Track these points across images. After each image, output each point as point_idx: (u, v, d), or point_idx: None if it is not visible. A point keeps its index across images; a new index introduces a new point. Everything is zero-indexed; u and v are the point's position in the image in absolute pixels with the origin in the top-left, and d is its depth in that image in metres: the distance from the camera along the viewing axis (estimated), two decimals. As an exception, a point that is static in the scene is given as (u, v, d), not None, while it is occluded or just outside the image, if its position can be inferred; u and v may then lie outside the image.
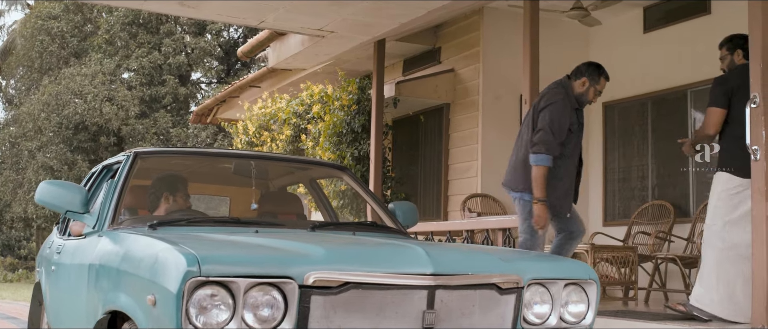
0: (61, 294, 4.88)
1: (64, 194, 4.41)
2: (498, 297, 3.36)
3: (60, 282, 4.91)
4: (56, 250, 5.25)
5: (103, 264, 3.79)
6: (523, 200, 5.85)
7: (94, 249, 4.07)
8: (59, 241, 5.33)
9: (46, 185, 4.46)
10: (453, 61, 10.16)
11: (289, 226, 4.47)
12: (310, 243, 3.29)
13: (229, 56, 31.62)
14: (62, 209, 4.43)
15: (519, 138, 6.05)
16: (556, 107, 5.76)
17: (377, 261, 3.18)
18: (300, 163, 5.71)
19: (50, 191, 4.41)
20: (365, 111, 9.79)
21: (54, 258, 5.24)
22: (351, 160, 9.65)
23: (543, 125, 5.70)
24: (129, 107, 26.36)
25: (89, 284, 3.95)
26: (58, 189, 4.42)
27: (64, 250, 4.96)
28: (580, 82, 6.04)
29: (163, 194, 4.77)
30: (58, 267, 5.01)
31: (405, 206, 5.18)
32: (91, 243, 4.22)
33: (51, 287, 5.24)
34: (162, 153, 5.10)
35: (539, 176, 5.65)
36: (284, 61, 9.69)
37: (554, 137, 5.68)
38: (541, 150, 5.65)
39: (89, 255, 4.11)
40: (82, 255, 4.33)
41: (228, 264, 2.95)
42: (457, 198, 9.82)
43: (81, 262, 4.27)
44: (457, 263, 3.29)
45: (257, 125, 12.03)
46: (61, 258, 4.98)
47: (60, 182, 4.49)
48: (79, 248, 4.49)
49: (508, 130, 9.66)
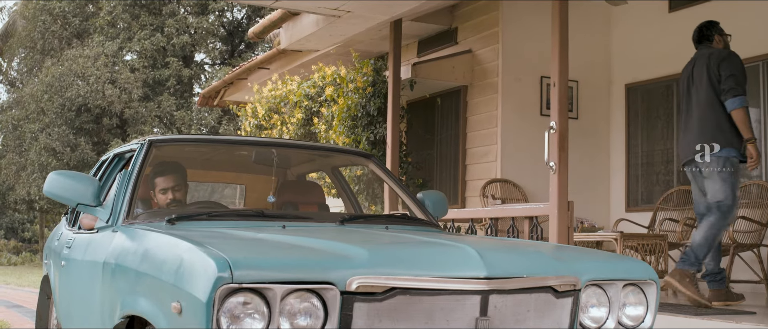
0: (72, 292, 4.60)
1: (75, 186, 4.11)
2: (554, 300, 3.07)
3: (71, 279, 4.63)
4: (66, 244, 4.97)
5: (119, 263, 3.49)
6: (722, 159, 6.08)
7: (108, 245, 3.78)
8: (69, 234, 5.04)
9: (56, 177, 4.17)
10: (470, 42, 9.83)
11: (317, 219, 4.17)
12: (351, 244, 2.98)
13: (232, 37, 31.28)
14: (73, 202, 4.14)
15: (689, 103, 6.33)
16: (733, 55, 6.17)
17: (426, 263, 2.88)
18: (323, 150, 5.39)
19: (60, 183, 4.12)
20: (381, 94, 9.47)
21: (64, 252, 4.95)
22: (367, 144, 9.34)
23: (731, 72, 6.04)
24: (132, 90, 26.06)
25: (104, 284, 3.65)
26: (69, 181, 4.12)
27: (75, 245, 4.67)
28: (717, 40, 6.45)
29: (155, 189, 4.48)
30: (68, 263, 4.73)
31: (434, 196, 4.89)
32: (105, 239, 3.92)
33: (61, 283, 4.96)
34: (178, 141, 4.79)
35: (744, 117, 6.00)
36: (297, 43, 9.36)
37: (743, 79, 6.08)
38: (739, 92, 6.00)
39: (103, 252, 3.81)
40: (95, 252, 4.04)
41: (263, 269, 2.65)
42: (474, 183, 9.52)
43: (94, 259, 3.97)
44: (511, 264, 2.99)
45: (267, 107, 11.71)
46: (71, 253, 4.69)
47: (70, 173, 4.19)
48: (92, 243, 4.21)
49: (529, 113, 9.37)
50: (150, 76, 27.18)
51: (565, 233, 6.43)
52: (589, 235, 7.67)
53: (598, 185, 9.79)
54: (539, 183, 9.09)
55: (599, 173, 9.83)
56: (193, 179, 6.44)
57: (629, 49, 9.76)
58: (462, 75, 9.70)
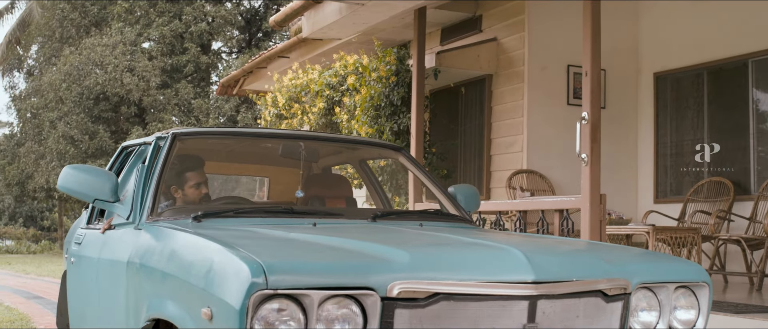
0: (85, 290, 4.44)
1: (91, 180, 3.96)
2: (604, 304, 2.90)
3: (83, 277, 4.49)
4: (76, 240, 4.84)
5: (144, 263, 3.34)
6: None
7: (132, 244, 3.62)
8: (80, 230, 4.91)
9: (71, 171, 4.02)
10: (495, 30, 9.63)
11: (348, 216, 4.02)
12: (391, 246, 2.82)
13: (250, 26, 31.14)
14: (90, 197, 3.98)
15: None
16: None
17: (470, 267, 2.71)
18: (352, 143, 5.22)
19: (76, 177, 3.97)
20: (404, 83, 9.28)
21: (72, 248, 4.83)
22: (390, 134, 9.16)
23: None
24: (150, 78, 25.99)
25: (128, 284, 3.49)
26: (85, 175, 3.97)
27: (86, 241, 4.55)
28: None
29: (170, 188, 4.33)
30: (79, 260, 4.60)
31: (466, 190, 4.71)
32: (127, 237, 3.76)
33: (71, 280, 4.82)
34: (202, 134, 4.63)
35: None
36: (319, 31, 9.17)
37: None
38: None
39: (126, 250, 3.65)
40: (115, 250, 3.88)
41: (299, 274, 2.50)
42: (499, 174, 9.34)
43: (115, 258, 3.82)
44: (559, 267, 2.83)
45: (287, 97, 11.54)
46: (82, 250, 4.57)
47: (86, 167, 4.04)
48: (111, 241, 4.05)
49: (556, 102, 9.18)
50: (168, 63, 27.10)
51: (597, 227, 6.25)
52: (619, 228, 7.49)
53: (626, 176, 9.59)
54: (566, 174, 8.92)
55: (627, 163, 9.62)
56: (216, 171, 6.32)
57: (658, 36, 9.54)
58: (487, 64, 9.52)
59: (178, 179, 4.38)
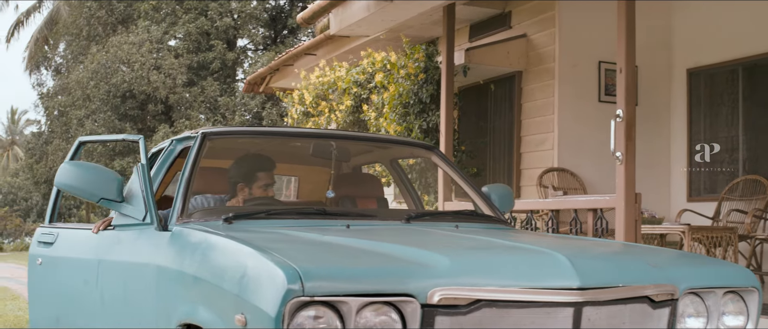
0: (77, 293, 4.25)
1: (97, 179, 3.82)
2: (650, 311, 2.80)
3: (72, 279, 4.31)
4: (44, 240, 4.61)
5: (174, 267, 3.26)
6: None
7: (159, 246, 3.53)
8: (48, 230, 4.68)
9: (73, 168, 3.85)
10: (525, 26, 9.50)
11: (381, 217, 3.93)
12: (431, 250, 2.73)
13: (275, 22, 31.11)
14: (96, 196, 3.83)
15: None
16: None
17: (513, 272, 2.62)
18: (384, 142, 5.13)
19: (80, 175, 3.82)
20: (433, 80, 9.18)
21: (38, 250, 4.61)
22: (419, 132, 9.06)
23: None
24: (176, 76, 26.05)
25: (157, 288, 3.40)
26: (90, 173, 3.83)
27: (76, 242, 4.39)
28: None
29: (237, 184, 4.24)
30: (57, 261, 4.43)
31: (501, 190, 4.62)
32: (150, 239, 3.66)
33: (45, 282, 4.57)
34: (232, 133, 4.55)
35: None
36: (347, 28, 9.10)
37: None
38: None
39: (150, 253, 3.56)
40: (133, 252, 3.77)
41: (336, 280, 2.41)
42: (530, 172, 9.22)
43: (134, 260, 3.71)
44: (605, 273, 2.72)
45: (314, 94, 11.47)
46: (65, 251, 4.40)
47: (88, 165, 3.88)
48: (124, 242, 3.92)
49: (587, 99, 9.05)
50: (194, 61, 27.14)
51: (632, 227, 6.13)
52: (653, 227, 7.35)
53: (659, 174, 9.44)
54: (598, 172, 8.79)
55: (659, 161, 9.47)
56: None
57: (691, 32, 9.37)
58: (517, 60, 9.39)
59: (246, 177, 4.29)
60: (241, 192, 4.24)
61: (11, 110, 54.54)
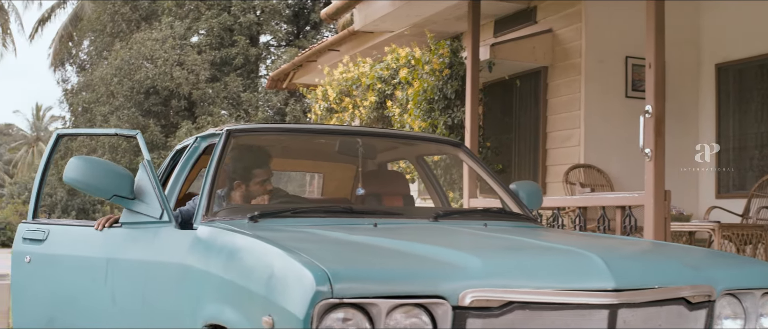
0: (78, 292, 4.11)
1: (110, 176, 3.72)
2: (687, 313, 2.73)
3: (72, 278, 4.16)
4: (33, 237, 4.40)
5: (200, 266, 3.21)
6: None
7: (183, 245, 3.47)
8: (36, 227, 4.45)
9: (83, 164, 3.75)
10: (551, 21, 9.41)
11: (409, 215, 3.87)
12: (462, 251, 2.67)
13: (297, 18, 31.09)
14: (108, 193, 3.75)
15: None
16: None
17: (546, 273, 2.55)
18: (410, 138, 5.07)
19: (92, 171, 3.71)
20: (458, 76, 9.11)
21: (27, 247, 4.38)
22: (444, 128, 9.00)
23: None
24: (199, 72, 26.10)
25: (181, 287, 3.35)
26: (102, 170, 3.73)
27: (75, 239, 4.25)
28: None
29: (234, 181, 4.13)
30: (60, 259, 4.26)
31: (529, 187, 4.56)
32: (172, 237, 3.60)
33: (37, 281, 4.36)
34: (257, 130, 4.51)
35: None
36: (371, 24, 9.07)
37: None
38: None
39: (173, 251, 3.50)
40: (152, 250, 3.70)
41: (366, 282, 2.36)
42: (556, 169, 9.14)
43: (154, 259, 3.65)
44: (641, 274, 2.66)
45: (338, 90, 11.43)
46: (63, 248, 4.26)
47: (99, 161, 3.79)
48: (140, 240, 3.83)
49: (614, 95, 8.95)
50: (217, 56, 27.18)
51: (661, 224, 6.04)
52: (682, 225, 7.25)
53: (687, 170, 9.31)
54: (625, 169, 8.69)
55: (687, 157, 9.34)
56: (270, 167, 6.21)
57: (720, 26, 9.24)
58: (542, 56, 9.31)
59: (243, 174, 4.22)
60: (237, 189, 4.16)
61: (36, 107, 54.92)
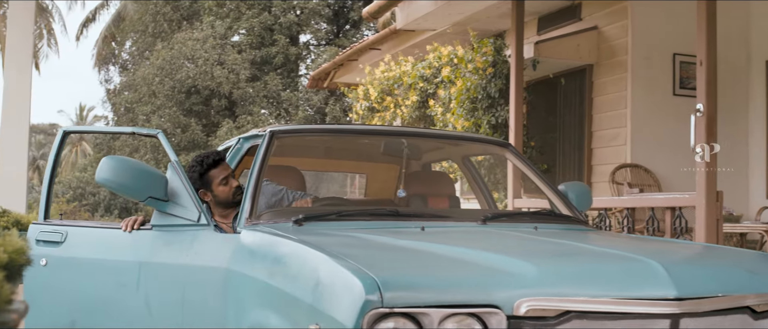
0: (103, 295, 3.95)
1: (145, 177, 3.62)
2: (751, 322, 2.60)
3: (98, 282, 3.99)
4: (48, 238, 4.20)
5: (245, 271, 3.14)
6: None
7: (226, 249, 3.40)
8: (66, 230, 4.23)
9: (116, 164, 3.62)
10: (596, 18, 9.25)
11: (456, 218, 3.77)
12: (515, 257, 2.57)
13: (337, 17, 31.08)
14: (143, 195, 3.65)
15: None
16: None
17: (604, 281, 2.44)
18: (455, 139, 4.96)
19: (127, 172, 3.60)
20: (502, 74, 8.98)
21: (41, 249, 4.18)
22: (488, 128, 8.87)
23: None
24: (239, 71, 26.18)
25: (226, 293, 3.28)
26: (137, 170, 3.62)
27: (99, 242, 4.10)
28: None
29: (199, 192, 4.00)
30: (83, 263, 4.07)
31: (578, 189, 4.44)
32: (212, 241, 3.52)
33: (56, 284, 4.14)
34: (300, 131, 4.44)
35: None
36: (413, 22, 8.97)
37: None
38: None
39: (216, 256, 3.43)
40: (191, 254, 3.60)
41: (417, 290, 2.27)
42: (601, 168, 8.97)
43: (193, 263, 3.56)
44: (703, 281, 2.53)
45: (379, 89, 11.35)
46: (85, 251, 4.07)
47: (128, 160, 3.67)
48: (175, 243, 3.72)
49: (661, 93, 8.77)
50: (257, 56, 27.25)
51: (713, 226, 5.89)
52: (734, 226, 7.07)
53: (736, 169, 9.10)
54: (672, 168, 8.51)
55: (736, 156, 9.13)
56: (312, 168, 6.15)
57: (769, 20, 9.03)
58: (587, 53, 9.15)
59: (202, 181, 4.10)
60: (205, 197, 4.09)
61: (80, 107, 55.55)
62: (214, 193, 4.12)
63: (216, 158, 4.17)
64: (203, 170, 4.13)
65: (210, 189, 4.12)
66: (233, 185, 4.14)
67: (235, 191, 4.13)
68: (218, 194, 4.12)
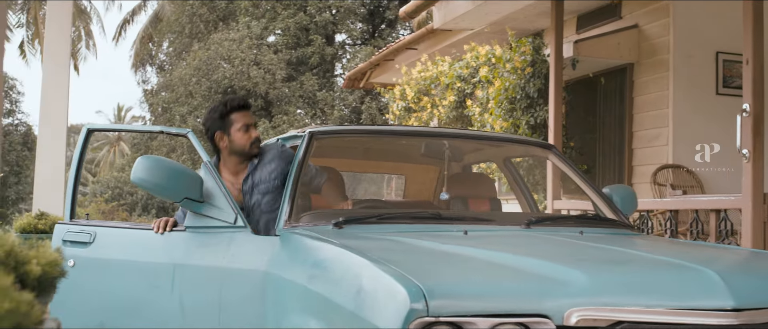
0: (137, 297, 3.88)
1: (180, 177, 3.55)
2: (810, 333, 2.49)
3: (128, 283, 3.92)
4: (78, 239, 4.14)
5: (284, 275, 3.09)
6: None
7: (264, 252, 3.34)
8: (94, 230, 4.15)
9: (152, 164, 3.55)
10: (637, 16, 9.10)
11: (499, 221, 3.69)
12: (564, 264, 2.48)
13: (373, 17, 31.04)
14: (179, 196, 3.57)
15: None
16: None
17: (658, 291, 2.35)
18: (497, 140, 4.87)
19: (162, 172, 3.53)
20: (541, 74, 8.86)
21: (71, 250, 4.11)
22: (526, 128, 8.76)
23: None
24: (275, 71, 26.23)
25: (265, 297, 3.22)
26: (172, 171, 3.55)
27: (130, 242, 4.05)
28: None
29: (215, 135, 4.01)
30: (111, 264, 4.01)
31: (623, 192, 4.33)
32: (250, 244, 3.46)
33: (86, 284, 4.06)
34: (339, 132, 4.38)
35: None
36: (451, 21, 8.88)
37: None
38: None
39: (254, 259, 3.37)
40: (224, 257, 3.53)
41: (463, 299, 2.19)
42: (642, 169, 8.83)
43: (231, 266, 3.47)
44: (762, 291, 2.43)
45: (416, 89, 11.27)
46: (115, 252, 4.01)
47: (163, 160, 3.60)
48: (212, 246, 3.64)
49: (704, 92, 8.61)
50: (293, 56, 27.30)
51: (760, 229, 5.74)
52: (780, 229, 6.89)
53: None
54: (716, 170, 8.34)
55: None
56: (352, 169, 6.10)
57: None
58: (628, 52, 9.00)
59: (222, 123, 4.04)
60: (220, 142, 4.03)
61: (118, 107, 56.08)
62: (232, 138, 4.03)
63: (242, 103, 4.11)
64: (226, 111, 4.06)
65: (228, 133, 4.03)
66: (253, 135, 4.06)
67: (253, 141, 4.05)
68: (235, 141, 4.03)
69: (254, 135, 4.07)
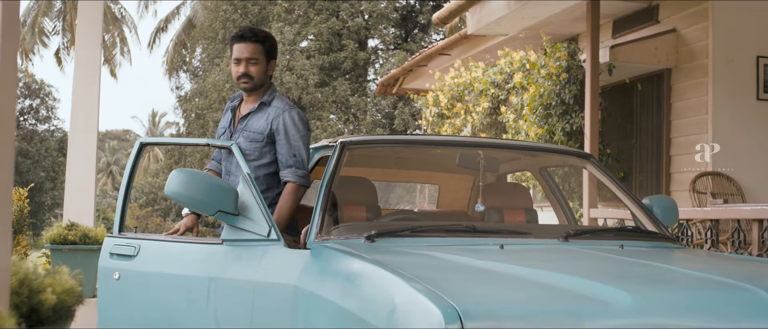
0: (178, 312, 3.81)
1: (215, 190, 3.48)
2: None
3: (172, 297, 3.86)
4: (121, 252, 4.07)
5: (315, 291, 2.99)
6: None
7: (295, 267, 3.26)
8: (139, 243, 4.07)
9: (186, 177, 3.49)
10: (674, 20, 8.93)
11: (536, 234, 3.58)
12: (606, 283, 2.37)
13: (405, 22, 30.96)
14: (213, 209, 3.49)
15: None
16: None
17: (704, 311, 2.24)
18: (533, 150, 4.75)
19: (193, 184, 3.46)
20: (576, 80, 8.73)
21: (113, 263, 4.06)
22: (562, 135, 8.62)
23: None
24: (308, 76, 26.24)
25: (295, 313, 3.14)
26: (206, 183, 3.48)
27: (171, 256, 3.95)
28: None
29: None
30: (153, 278, 3.97)
31: (664, 203, 4.19)
32: (283, 258, 3.37)
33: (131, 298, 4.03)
34: (372, 142, 4.28)
35: None
36: (485, 27, 8.77)
37: None
38: None
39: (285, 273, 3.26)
40: (257, 271, 3.43)
41: (500, 319, 2.09)
42: (680, 176, 8.66)
43: (264, 280, 3.38)
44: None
45: (449, 95, 11.16)
46: (156, 265, 3.95)
47: (197, 173, 3.53)
48: (244, 260, 3.56)
49: (744, 97, 8.44)
50: (326, 61, 27.29)
51: (805, 240, 5.58)
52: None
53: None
54: (758, 177, 8.17)
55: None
56: (384, 178, 6.01)
57: None
58: (665, 57, 8.84)
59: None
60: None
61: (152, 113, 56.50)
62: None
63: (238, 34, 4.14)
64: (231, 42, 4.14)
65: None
66: (240, 71, 4.10)
67: (240, 76, 4.10)
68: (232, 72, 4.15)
69: (241, 71, 4.10)
